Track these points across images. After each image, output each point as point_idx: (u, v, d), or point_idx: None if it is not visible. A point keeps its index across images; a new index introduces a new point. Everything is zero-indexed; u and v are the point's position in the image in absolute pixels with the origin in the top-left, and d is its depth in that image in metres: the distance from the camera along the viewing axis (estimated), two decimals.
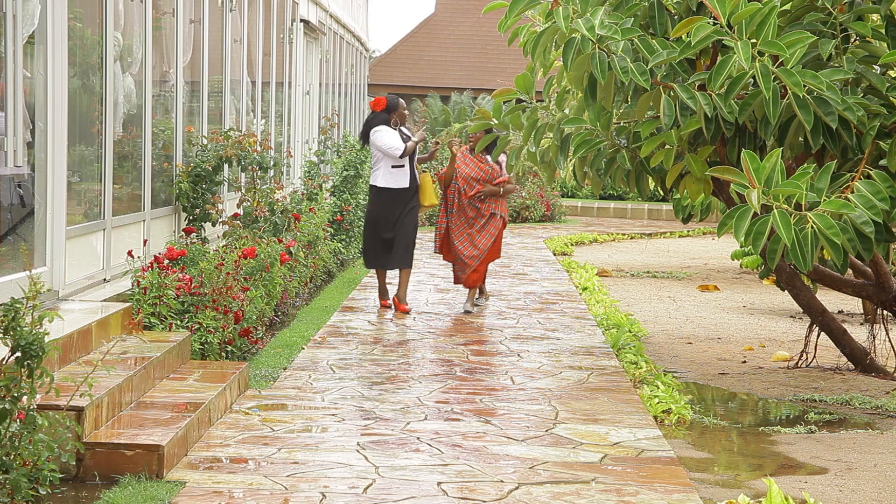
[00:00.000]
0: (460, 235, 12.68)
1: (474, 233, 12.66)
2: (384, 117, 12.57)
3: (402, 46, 39.84)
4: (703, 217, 11.15)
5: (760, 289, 16.00)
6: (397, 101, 12.73)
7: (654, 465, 6.93)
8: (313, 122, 21.61)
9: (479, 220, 12.67)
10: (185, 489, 6.20)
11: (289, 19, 18.53)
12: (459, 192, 12.68)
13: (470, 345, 10.72)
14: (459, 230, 12.69)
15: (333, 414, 7.98)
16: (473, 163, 12.71)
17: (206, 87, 13.01)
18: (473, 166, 12.70)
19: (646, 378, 9.30)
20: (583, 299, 13.83)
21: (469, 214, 12.68)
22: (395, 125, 12.59)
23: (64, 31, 8.57)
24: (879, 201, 7.99)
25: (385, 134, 12.44)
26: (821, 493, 6.58)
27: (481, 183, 12.64)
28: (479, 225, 12.67)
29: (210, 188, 11.76)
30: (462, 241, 12.67)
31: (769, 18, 8.03)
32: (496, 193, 12.71)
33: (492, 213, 12.70)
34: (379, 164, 12.53)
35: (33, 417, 5.62)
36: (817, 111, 8.17)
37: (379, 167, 12.53)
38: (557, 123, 9.84)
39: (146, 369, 7.57)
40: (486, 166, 12.66)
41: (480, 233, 12.66)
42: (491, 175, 12.67)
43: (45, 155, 8.42)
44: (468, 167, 12.69)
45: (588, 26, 8.45)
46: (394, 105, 12.68)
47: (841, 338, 10.28)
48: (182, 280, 9.22)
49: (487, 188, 12.65)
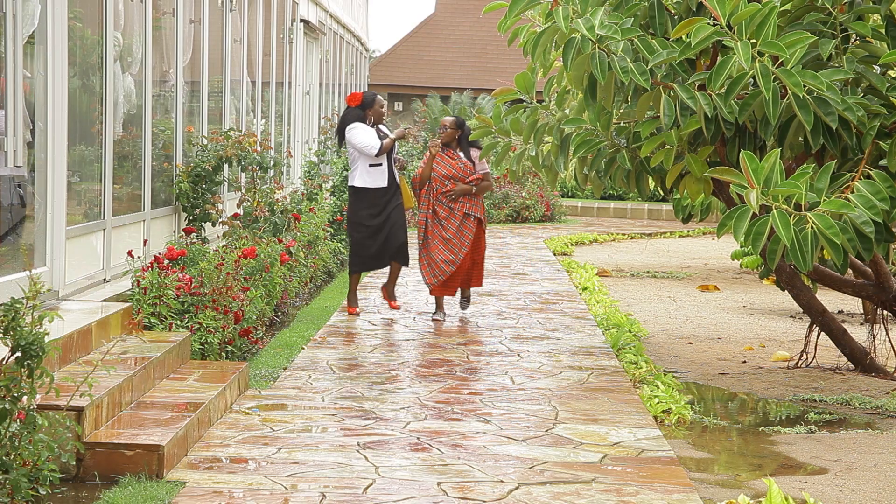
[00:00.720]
0: (434, 238, 12.02)
1: (449, 236, 11.96)
2: (357, 113, 11.98)
3: (402, 46, 39.84)
4: (703, 217, 11.15)
5: (760, 289, 16.00)
6: (374, 98, 12.12)
7: (654, 465, 6.93)
8: (313, 122, 21.62)
9: (450, 222, 11.96)
10: (185, 489, 6.20)
11: (289, 19, 18.53)
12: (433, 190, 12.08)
13: (470, 345, 10.72)
14: (433, 233, 12.02)
15: (333, 414, 7.98)
16: (445, 159, 12.04)
17: (206, 87, 13.01)
18: (445, 163, 12.03)
19: (646, 378, 9.30)
20: (583, 299, 13.83)
21: (440, 214, 12.00)
22: (370, 122, 12.02)
23: (64, 31, 8.57)
24: (879, 201, 7.99)
25: (360, 132, 11.88)
26: (821, 493, 6.58)
27: (453, 181, 11.97)
28: (453, 227, 11.95)
29: (210, 188, 11.76)
30: (436, 244, 12.02)
31: (769, 19, 8.03)
32: (468, 192, 11.97)
33: (465, 214, 11.99)
34: (356, 164, 12.00)
35: (33, 417, 5.62)
36: (817, 111, 8.17)
37: (356, 166, 12.00)
38: (557, 123, 9.84)
39: (146, 369, 7.57)
40: (459, 162, 11.98)
41: (456, 236, 11.96)
42: (464, 172, 11.97)
43: (45, 155, 8.42)
44: (440, 164, 12.03)
45: (588, 26, 8.45)
46: (369, 101, 12.05)
47: (841, 338, 10.28)
48: (182, 280, 9.22)
49: (459, 187, 11.93)
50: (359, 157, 11.96)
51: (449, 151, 12.02)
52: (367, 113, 12.00)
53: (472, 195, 12.02)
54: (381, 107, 12.10)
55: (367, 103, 12.04)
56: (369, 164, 11.94)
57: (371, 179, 11.97)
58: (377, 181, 11.97)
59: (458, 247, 11.98)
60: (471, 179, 11.98)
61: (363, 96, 12.06)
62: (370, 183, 11.96)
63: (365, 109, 12.01)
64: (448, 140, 12.02)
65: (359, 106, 12.01)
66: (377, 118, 12.07)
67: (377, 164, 11.96)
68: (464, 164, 11.99)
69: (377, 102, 12.09)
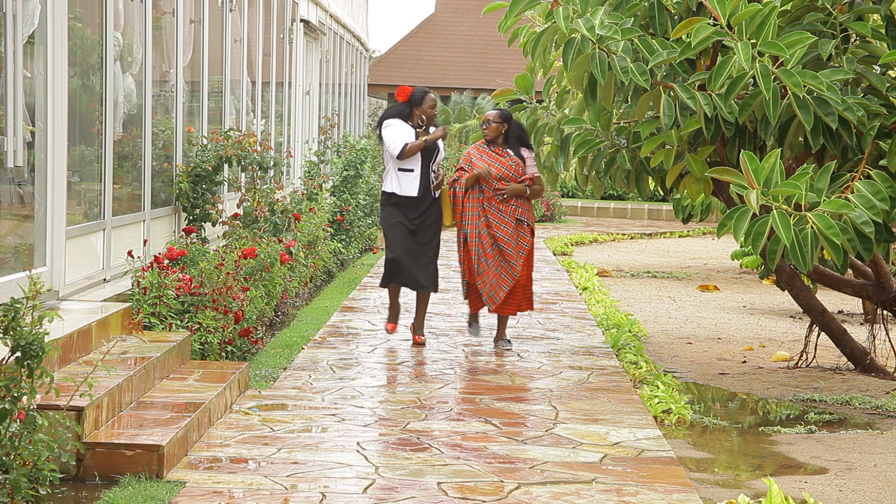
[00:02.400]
0: (488, 258, 10.38)
1: (502, 244, 10.37)
2: (401, 110, 10.36)
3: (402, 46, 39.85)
4: (703, 217, 11.15)
5: (760, 289, 16.00)
6: (423, 95, 10.35)
7: (654, 465, 6.93)
8: (313, 122, 21.62)
9: (504, 227, 10.36)
10: (185, 489, 6.20)
11: (289, 19, 18.53)
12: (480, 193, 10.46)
13: (470, 345, 10.72)
14: (488, 248, 10.38)
15: (333, 414, 7.98)
16: (492, 157, 10.48)
17: (206, 87, 13.01)
18: (492, 161, 10.46)
19: (646, 378, 9.30)
20: (583, 299, 13.83)
21: (491, 219, 10.37)
22: (417, 123, 10.34)
23: (64, 31, 8.57)
24: (879, 201, 7.99)
25: (392, 129, 10.29)
26: (821, 493, 6.58)
27: (503, 181, 10.39)
28: (508, 234, 10.36)
29: (210, 188, 11.76)
30: (490, 265, 10.39)
31: (769, 19, 8.03)
32: (521, 193, 10.40)
33: (518, 220, 10.41)
34: (388, 166, 10.46)
35: (33, 417, 5.62)
36: (817, 111, 8.18)
37: (388, 169, 10.45)
38: (557, 124, 9.85)
39: (146, 369, 7.57)
40: (509, 160, 10.41)
41: (512, 245, 10.37)
42: (515, 171, 10.41)
43: (45, 155, 8.42)
44: (486, 162, 10.45)
45: (588, 26, 8.45)
46: (418, 98, 10.33)
47: (841, 338, 10.29)
48: (182, 280, 9.22)
49: (511, 186, 10.36)
50: (390, 159, 10.39)
51: (497, 148, 10.47)
52: (413, 111, 10.34)
53: (524, 198, 10.49)
54: (431, 106, 10.37)
55: (416, 100, 10.35)
56: (398, 167, 10.35)
57: (399, 186, 10.38)
58: (406, 189, 10.35)
59: (515, 257, 10.42)
60: (523, 179, 10.45)
61: (412, 91, 10.38)
62: (399, 189, 10.37)
63: (412, 107, 10.36)
64: (494, 136, 10.47)
65: (405, 102, 10.39)
66: (427, 119, 10.38)
67: (407, 170, 10.34)
68: (514, 163, 10.43)
69: (427, 101, 10.36)
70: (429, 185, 10.35)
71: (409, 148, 10.19)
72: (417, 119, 10.31)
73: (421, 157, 10.31)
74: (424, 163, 10.34)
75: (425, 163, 10.34)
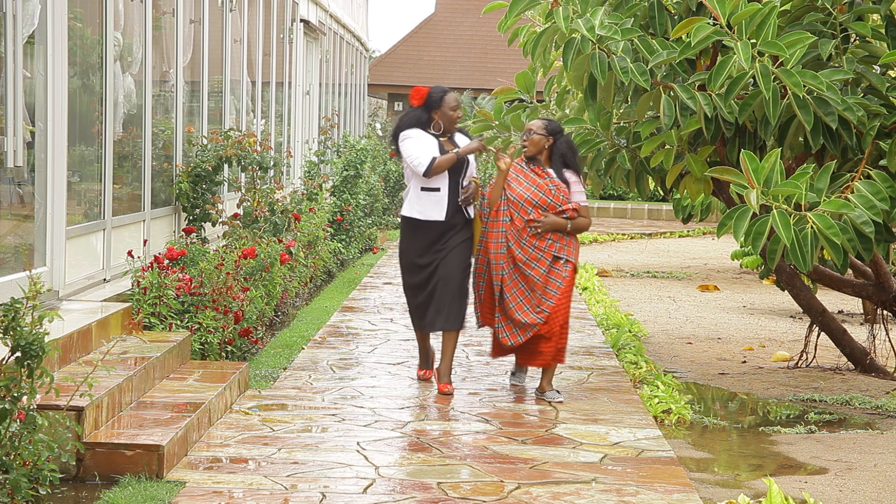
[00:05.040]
0: (512, 288, 8.54)
1: (533, 285, 8.49)
2: (419, 116, 8.70)
3: (402, 46, 39.84)
4: (703, 217, 11.16)
5: (760, 289, 16.00)
6: (442, 96, 8.67)
7: (654, 465, 6.93)
8: (313, 122, 21.61)
9: (536, 266, 8.48)
10: (185, 489, 6.20)
11: (289, 19, 18.53)
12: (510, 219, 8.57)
13: (470, 345, 10.71)
14: (510, 280, 8.54)
15: (333, 414, 7.98)
16: (529, 179, 8.59)
17: (206, 87, 13.01)
18: (528, 184, 8.57)
19: (646, 378, 9.30)
20: (583, 299, 13.83)
21: (519, 256, 8.49)
22: (438, 129, 8.71)
23: (64, 31, 8.57)
24: (879, 201, 7.99)
25: (411, 141, 8.61)
26: (821, 493, 6.58)
27: (539, 209, 8.54)
28: (539, 273, 8.47)
29: (210, 188, 11.76)
30: (514, 295, 8.54)
31: (769, 19, 8.04)
32: (561, 227, 8.52)
33: (555, 257, 8.52)
34: (409, 184, 8.72)
35: (33, 417, 5.62)
36: (817, 111, 8.18)
37: (408, 188, 8.73)
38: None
39: (146, 369, 7.57)
40: (548, 183, 8.54)
41: (544, 286, 8.48)
42: (554, 197, 8.54)
43: (44, 155, 8.42)
44: (521, 185, 8.57)
45: (588, 26, 8.45)
46: (436, 100, 8.66)
47: (841, 338, 10.29)
48: (182, 280, 9.22)
49: (549, 218, 8.49)
50: (412, 177, 8.67)
51: (537, 168, 8.59)
52: (432, 115, 8.68)
53: (566, 233, 8.60)
54: (452, 108, 8.68)
55: (433, 102, 8.68)
56: (422, 186, 8.61)
57: (421, 208, 8.62)
58: (430, 212, 8.61)
59: (548, 302, 8.52)
60: (565, 209, 8.55)
61: (428, 93, 8.70)
62: (419, 213, 8.63)
63: (430, 111, 8.70)
64: (535, 152, 8.62)
65: (422, 106, 8.73)
66: (448, 124, 8.69)
67: (432, 189, 8.61)
68: (555, 187, 8.54)
69: (446, 102, 8.67)
70: (458, 206, 8.65)
71: (438, 163, 8.49)
72: (437, 125, 8.69)
73: (448, 172, 8.61)
74: (453, 179, 8.62)
75: (454, 179, 8.63)
